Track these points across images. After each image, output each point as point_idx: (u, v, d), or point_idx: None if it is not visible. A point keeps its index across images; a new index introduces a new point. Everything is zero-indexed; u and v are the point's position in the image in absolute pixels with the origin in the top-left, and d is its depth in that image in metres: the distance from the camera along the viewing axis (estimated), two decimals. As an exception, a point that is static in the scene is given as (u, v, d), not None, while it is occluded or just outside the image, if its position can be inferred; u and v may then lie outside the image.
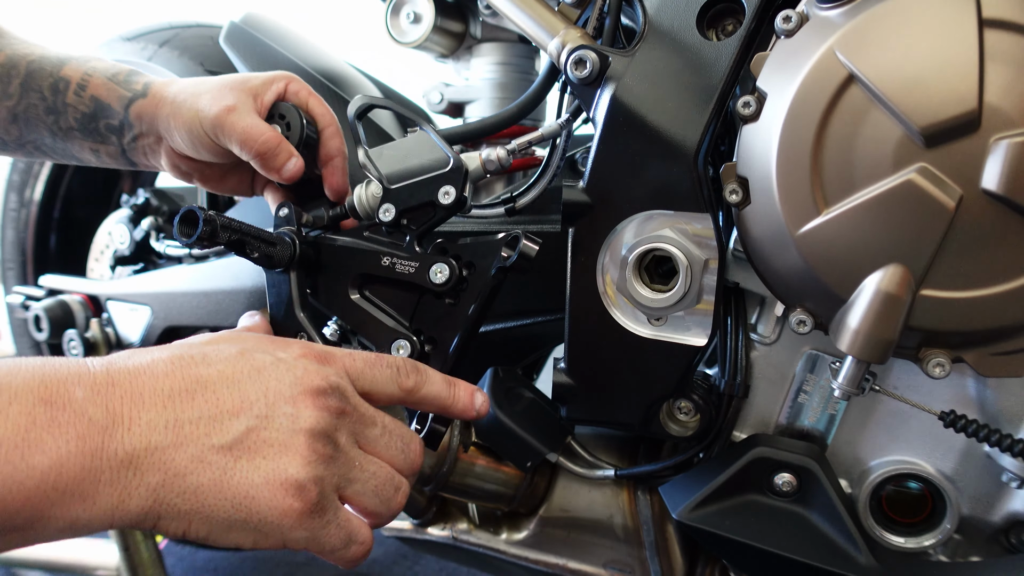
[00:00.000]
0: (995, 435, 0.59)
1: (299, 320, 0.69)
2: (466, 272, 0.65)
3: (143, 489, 0.43)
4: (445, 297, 0.65)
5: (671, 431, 0.73)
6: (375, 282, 0.69)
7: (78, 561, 1.25)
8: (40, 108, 0.79)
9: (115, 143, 0.80)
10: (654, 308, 0.66)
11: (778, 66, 0.59)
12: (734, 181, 0.62)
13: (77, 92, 0.78)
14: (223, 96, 0.72)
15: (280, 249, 0.68)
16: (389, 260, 0.67)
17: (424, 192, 0.66)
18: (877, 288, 0.56)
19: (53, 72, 0.78)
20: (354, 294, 0.69)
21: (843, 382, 0.61)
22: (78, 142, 0.81)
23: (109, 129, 0.79)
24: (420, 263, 0.65)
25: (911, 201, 0.54)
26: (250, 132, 0.71)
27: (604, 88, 0.67)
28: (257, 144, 0.71)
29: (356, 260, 0.69)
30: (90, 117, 0.79)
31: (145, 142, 0.79)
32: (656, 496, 0.81)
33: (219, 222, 0.60)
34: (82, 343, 1.14)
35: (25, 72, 0.79)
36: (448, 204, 0.65)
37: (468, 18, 0.95)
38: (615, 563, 0.83)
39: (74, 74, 0.78)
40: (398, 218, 0.68)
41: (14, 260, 1.45)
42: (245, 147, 0.71)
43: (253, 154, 0.71)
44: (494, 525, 0.88)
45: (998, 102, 0.51)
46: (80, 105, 0.78)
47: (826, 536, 0.68)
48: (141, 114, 0.76)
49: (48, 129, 0.80)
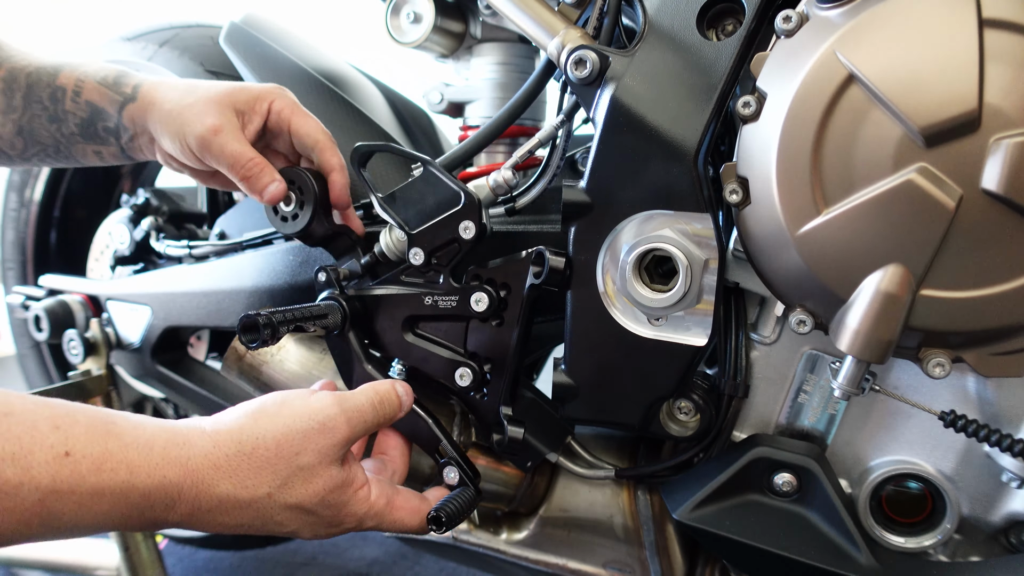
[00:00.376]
0: (995, 435, 0.59)
1: (368, 373, 0.75)
2: (503, 293, 0.70)
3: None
4: (490, 320, 0.72)
5: (671, 431, 0.73)
6: (424, 320, 0.75)
7: (78, 561, 1.25)
8: (43, 118, 0.81)
9: (114, 144, 0.81)
10: (654, 308, 0.66)
11: (778, 66, 0.59)
12: (734, 181, 0.62)
13: (73, 99, 0.80)
14: (208, 113, 0.73)
15: (332, 318, 0.74)
16: (431, 299, 0.73)
17: (446, 232, 0.71)
18: (877, 288, 0.56)
19: (50, 82, 0.80)
20: (408, 335, 0.76)
21: (843, 382, 0.61)
22: (81, 146, 0.83)
23: (107, 131, 0.80)
24: (459, 296, 0.72)
25: (911, 201, 0.54)
26: (236, 158, 0.73)
27: (604, 88, 0.67)
28: (242, 170, 0.74)
29: (401, 305, 0.75)
30: (88, 122, 0.80)
31: (141, 141, 0.80)
32: (656, 496, 0.81)
33: (276, 321, 0.66)
34: (82, 343, 1.14)
35: (25, 84, 0.80)
36: (471, 239, 0.70)
37: (468, 18, 0.95)
38: (615, 563, 0.83)
39: (68, 81, 0.80)
40: (428, 259, 0.73)
41: (14, 260, 1.45)
42: (231, 171, 0.74)
43: (238, 178, 0.74)
44: (494, 525, 0.88)
45: (998, 102, 0.51)
46: (78, 111, 0.80)
47: (826, 536, 0.68)
48: (133, 117, 0.78)
49: (52, 137, 0.82)
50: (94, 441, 0.50)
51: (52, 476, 0.47)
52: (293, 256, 0.93)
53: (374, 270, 0.79)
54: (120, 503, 0.50)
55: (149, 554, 1.17)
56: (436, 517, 0.65)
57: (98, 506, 0.49)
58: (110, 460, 0.50)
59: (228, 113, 0.74)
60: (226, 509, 0.55)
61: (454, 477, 0.71)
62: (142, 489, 0.51)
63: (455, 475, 0.71)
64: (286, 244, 0.95)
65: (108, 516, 0.50)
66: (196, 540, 1.42)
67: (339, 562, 1.55)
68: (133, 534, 1.16)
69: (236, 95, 0.75)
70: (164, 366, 1.14)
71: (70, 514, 0.48)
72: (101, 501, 0.49)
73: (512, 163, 0.73)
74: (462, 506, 0.67)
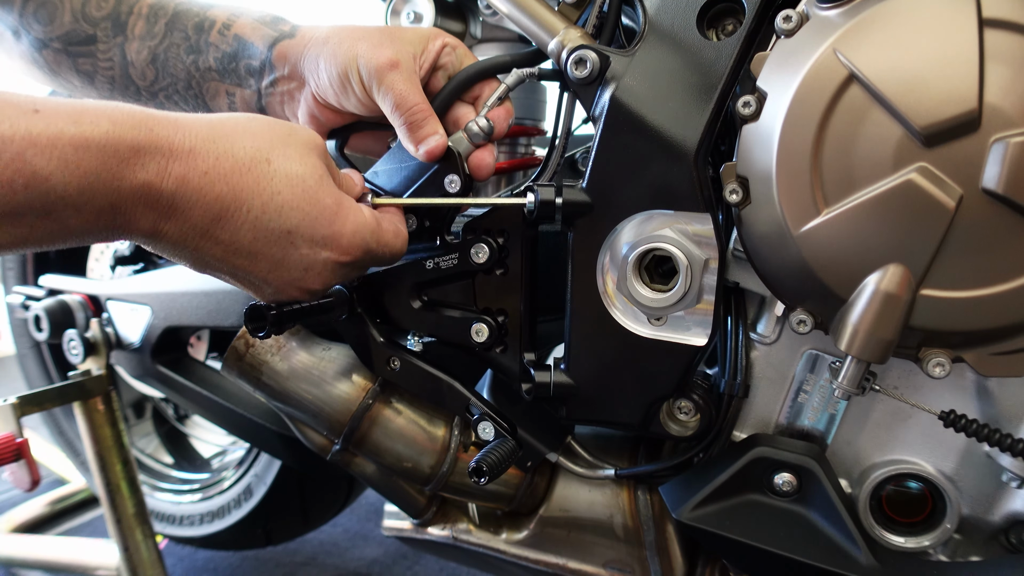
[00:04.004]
0: (995, 435, 0.59)
1: (385, 348, 0.76)
2: (501, 240, 0.70)
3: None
4: (494, 270, 0.71)
5: (671, 431, 0.73)
6: (430, 285, 0.75)
7: (78, 561, 1.25)
8: (182, 48, 0.76)
9: (252, 86, 0.77)
10: (654, 308, 0.66)
11: (778, 66, 0.59)
12: (734, 181, 0.62)
13: (222, 31, 0.76)
14: (384, 47, 0.69)
15: (338, 307, 0.74)
16: (432, 262, 0.73)
17: (432, 190, 0.71)
18: (877, 288, 0.56)
19: (200, 12, 0.77)
20: (416, 303, 0.75)
21: (843, 382, 0.61)
22: (215, 84, 0.78)
23: (248, 71, 0.76)
24: (459, 252, 0.71)
25: (911, 201, 0.54)
26: (406, 97, 0.69)
27: (604, 88, 0.67)
28: (408, 112, 0.69)
29: (404, 275, 0.75)
30: (231, 57, 0.76)
31: (285, 87, 0.76)
32: (656, 496, 0.81)
33: (283, 314, 0.66)
34: (82, 343, 1.14)
35: (173, 12, 0.77)
36: (458, 192, 0.70)
37: (468, 18, 0.95)
38: (615, 563, 0.83)
39: (221, 14, 0.76)
40: (420, 223, 0.72)
41: (14, 260, 1.45)
42: (398, 109, 0.69)
43: (402, 120, 0.69)
44: (494, 525, 0.88)
45: (998, 102, 0.51)
46: (222, 44, 0.76)
47: (826, 536, 0.68)
48: (287, 55, 0.73)
49: (186, 70, 0.78)
50: (65, 103, 0.47)
51: (27, 128, 0.44)
52: (293, 256, 0.93)
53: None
54: (109, 158, 0.47)
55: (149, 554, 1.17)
56: (478, 468, 0.64)
57: (84, 161, 0.46)
58: (87, 114, 0.47)
59: (404, 52, 0.69)
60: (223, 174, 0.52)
61: (490, 432, 0.72)
62: (130, 141, 0.48)
63: (491, 429, 0.72)
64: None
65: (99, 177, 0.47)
66: (196, 540, 1.42)
67: (339, 562, 1.55)
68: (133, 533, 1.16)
69: (404, 32, 0.72)
70: (164, 366, 1.14)
71: (57, 174, 0.45)
72: (87, 154, 0.46)
73: (487, 109, 0.71)
74: (503, 456, 0.66)
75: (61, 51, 0.78)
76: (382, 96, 0.69)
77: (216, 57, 0.76)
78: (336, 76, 0.70)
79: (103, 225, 0.50)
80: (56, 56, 0.79)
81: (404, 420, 0.82)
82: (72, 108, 0.47)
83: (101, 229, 0.50)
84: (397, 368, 0.77)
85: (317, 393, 0.83)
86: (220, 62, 0.76)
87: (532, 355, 0.74)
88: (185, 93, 0.79)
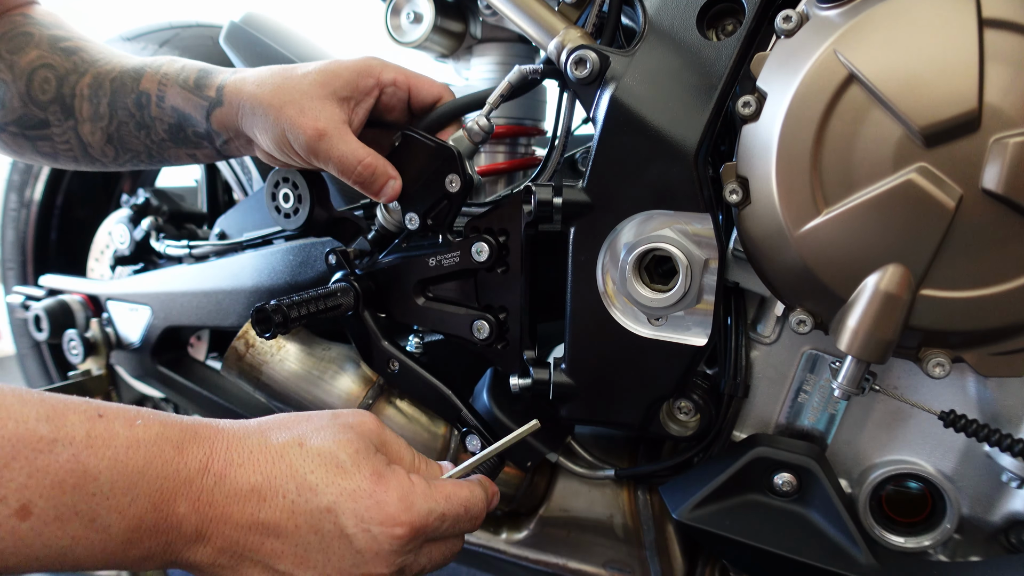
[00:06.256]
0: (995, 435, 0.59)
1: (386, 350, 0.79)
2: (502, 239, 0.71)
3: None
4: (496, 268, 0.72)
5: (671, 431, 0.73)
6: (433, 282, 0.76)
7: (78, 561, 1.25)
8: (131, 125, 0.78)
9: (208, 146, 0.78)
10: (654, 308, 0.66)
11: (778, 66, 0.59)
12: (734, 181, 0.62)
13: (159, 104, 0.76)
14: (306, 115, 0.67)
15: (344, 301, 0.76)
16: (435, 260, 0.74)
17: (434, 190, 0.72)
18: (877, 288, 0.56)
19: (133, 87, 0.77)
20: (419, 300, 0.77)
21: (843, 382, 0.61)
22: (173, 150, 0.79)
23: (198, 136, 0.77)
24: (460, 250, 0.72)
25: (911, 201, 0.54)
26: (345, 160, 0.69)
27: (604, 88, 0.67)
28: (353, 175, 0.70)
29: (408, 272, 0.76)
30: (177, 127, 0.77)
31: (236, 144, 0.76)
32: (656, 496, 0.81)
33: (288, 312, 0.69)
34: (82, 343, 1.14)
35: (110, 91, 0.77)
36: (458, 191, 0.71)
37: (468, 18, 0.95)
38: (615, 563, 0.83)
39: (151, 85, 0.76)
40: (423, 221, 0.73)
41: (14, 260, 1.45)
42: (343, 175, 0.70)
43: (352, 181, 0.71)
44: (494, 525, 0.88)
45: (998, 102, 0.51)
46: (165, 117, 0.77)
47: (826, 536, 0.68)
48: (224, 122, 0.74)
49: (143, 144, 0.79)
50: (124, 408, 0.51)
51: (87, 432, 0.47)
52: (293, 256, 0.93)
53: (382, 244, 0.80)
54: (155, 457, 0.49)
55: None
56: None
57: (133, 460, 0.48)
58: (141, 417, 0.50)
59: (330, 108, 0.68)
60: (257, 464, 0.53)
61: (476, 444, 0.75)
62: (175, 440, 0.50)
63: (477, 442, 0.75)
64: (286, 244, 0.95)
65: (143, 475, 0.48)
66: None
67: (339, 562, 1.55)
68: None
69: (332, 81, 0.69)
70: (164, 366, 1.14)
71: (106, 472, 0.47)
72: (136, 453, 0.48)
73: (488, 110, 0.72)
74: (487, 472, 0.67)
75: (18, 135, 0.80)
76: (323, 165, 0.70)
77: (164, 129, 0.78)
78: (275, 145, 0.71)
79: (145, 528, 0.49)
80: (15, 139, 0.81)
81: (405, 419, 0.82)
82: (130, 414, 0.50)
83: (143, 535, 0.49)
84: (396, 371, 0.79)
85: (317, 393, 0.83)
86: (169, 132, 0.78)
87: (532, 353, 0.74)
88: (149, 160, 0.82)
